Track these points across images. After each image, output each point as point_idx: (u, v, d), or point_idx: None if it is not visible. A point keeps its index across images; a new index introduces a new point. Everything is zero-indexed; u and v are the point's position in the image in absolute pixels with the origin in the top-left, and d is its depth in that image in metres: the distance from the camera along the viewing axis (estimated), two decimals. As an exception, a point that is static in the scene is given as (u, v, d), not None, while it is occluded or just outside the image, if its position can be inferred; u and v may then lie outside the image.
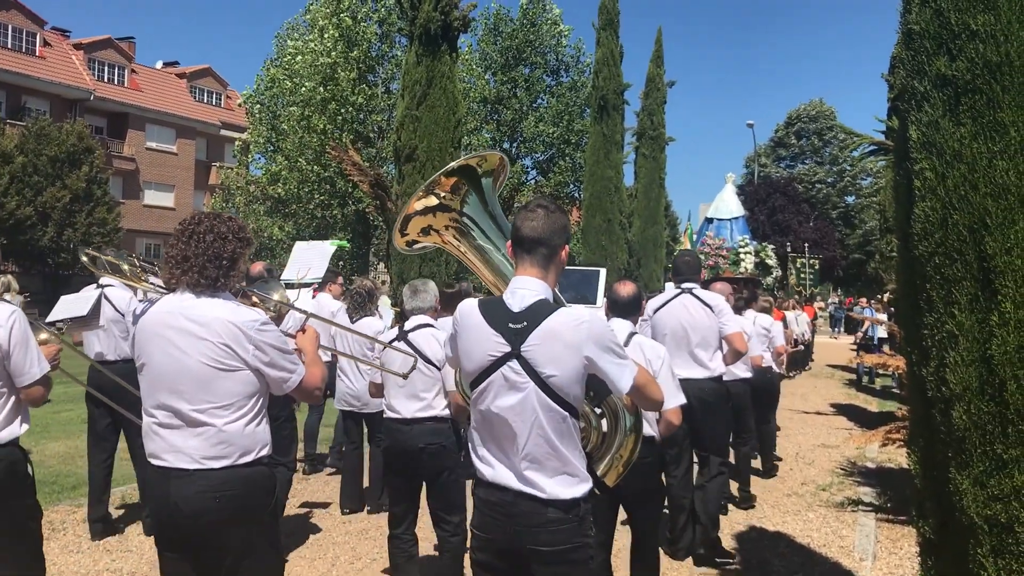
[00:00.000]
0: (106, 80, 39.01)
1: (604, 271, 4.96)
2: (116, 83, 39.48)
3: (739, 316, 6.94)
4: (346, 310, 6.60)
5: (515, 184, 26.96)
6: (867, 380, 17.56)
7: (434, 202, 2.94)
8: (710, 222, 21.36)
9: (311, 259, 8.25)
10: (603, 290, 4.70)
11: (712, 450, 5.78)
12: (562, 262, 2.65)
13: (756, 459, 8.60)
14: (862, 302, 26.30)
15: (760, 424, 8.49)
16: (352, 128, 26.85)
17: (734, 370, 6.54)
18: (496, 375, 2.51)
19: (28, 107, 34.93)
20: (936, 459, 2.73)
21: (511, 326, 2.50)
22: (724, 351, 5.63)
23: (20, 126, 30.32)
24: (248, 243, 2.90)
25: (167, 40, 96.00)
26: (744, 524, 6.40)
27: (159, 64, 45.29)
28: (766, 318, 8.66)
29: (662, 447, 4.32)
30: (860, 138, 10.42)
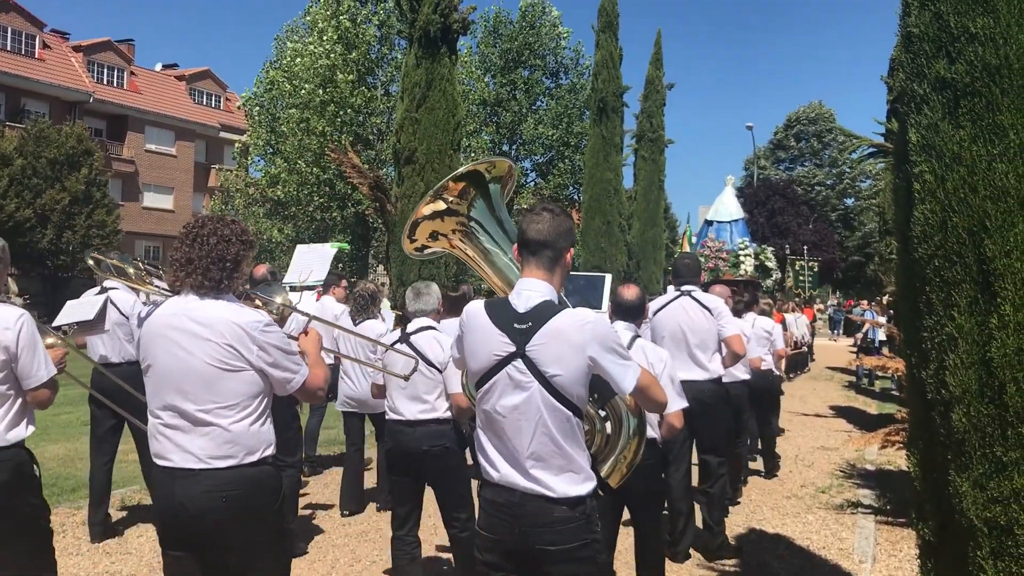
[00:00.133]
0: (105, 82, 38.99)
1: (609, 276, 5.01)
2: (115, 85, 39.45)
3: (738, 319, 6.96)
4: (349, 313, 6.61)
5: (515, 186, 26.95)
6: (866, 382, 17.56)
7: (442, 206, 2.99)
8: (710, 224, 21.37)
9: (312, 262, 8.26)
10: (608, 295, 4.74)
11: (712, 451, 5.81)
12: (567, 265, 2.69)
13: (756, 461, 8.62)
14: (862, 304, 26.31)
15: (761, 426, 8.51)
16: (351, 130, 26.84)
17: (733, 372, 6.57)
18: (501, 375, 2.54)
19: (27, 109, 34.89)
20: (936, 461, 2.73)
21: (516, 326, 2.54)
22: (723, 353, 5.65)
23: (19, 128, 30.28)
24: (251, 246, 2.93)
25: (166, 42, 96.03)
26: (744, 526, 6.40)
27: (158, 66, 45.29)
28: (767, 321, 8.67)
29: (663, 449, 4.36)
30: (859, 140, 10.43)
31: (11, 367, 3.20)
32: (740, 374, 7.09)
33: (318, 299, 7.95)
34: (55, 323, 4.27)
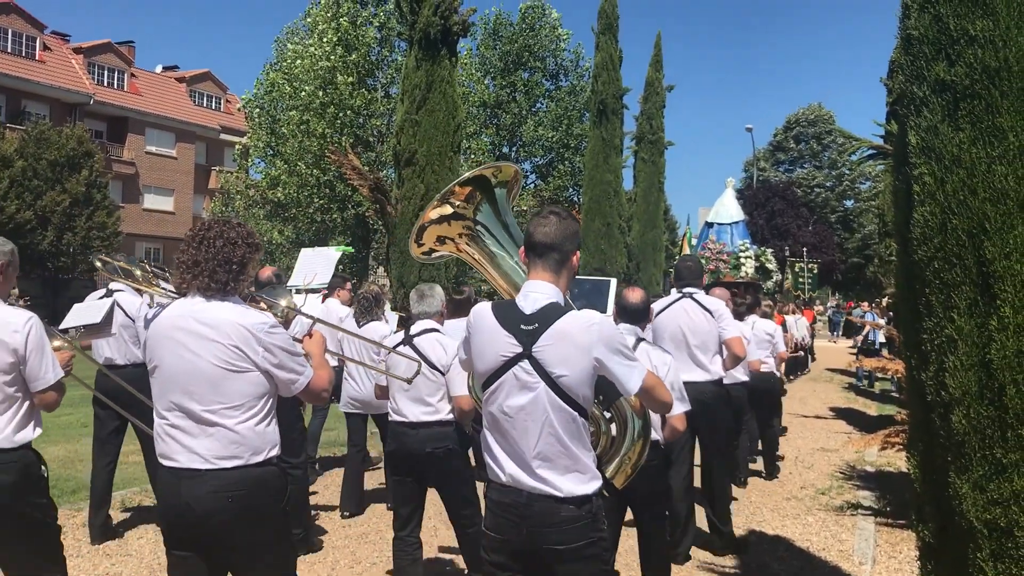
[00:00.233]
0: (106, 84, 38.98)
1: (615, 281, 5.06)
2: (116, 87, 39.45)
3: (740, 322, 6.98)
4: (354, 315, 6.64)
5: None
6: (866, 384, 17.55)
7: (448, 211, 3.04)
8: (710, 226, 21.36)
9: (317, 265, 8.29)
10: (612, 300, 4.80)
11: (713, 452, 5.82)
12: (573, 267, 2.73)
13: (756, 462, 8.62)
14: (862, 306, 26.31)
15: (762, 428, 8.52)
16: (352, 132, 26.84)
17: (733, 373, 6.59)
18: (508, 375, 2.58)
19: (28, 111, 34.87)
20: (936, 463, 2.73)
21: (523, 327, 2.57)
22: (724, 355, 5.68)
23: (20, 130, 30.28)
24: (257, 248, 2.96)
25: (167, 44, 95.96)
26: (743, 528, 6.40)
27: (159, 68, 45.28)
28: (770, 324, 8.70)
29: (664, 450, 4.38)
30: (859, 142, 10.43)
31: (19, 370, 3.24)
32: (739, 375, 7.11)
33: (323, 301, 7.95)
34: (62, 326, 4.29)
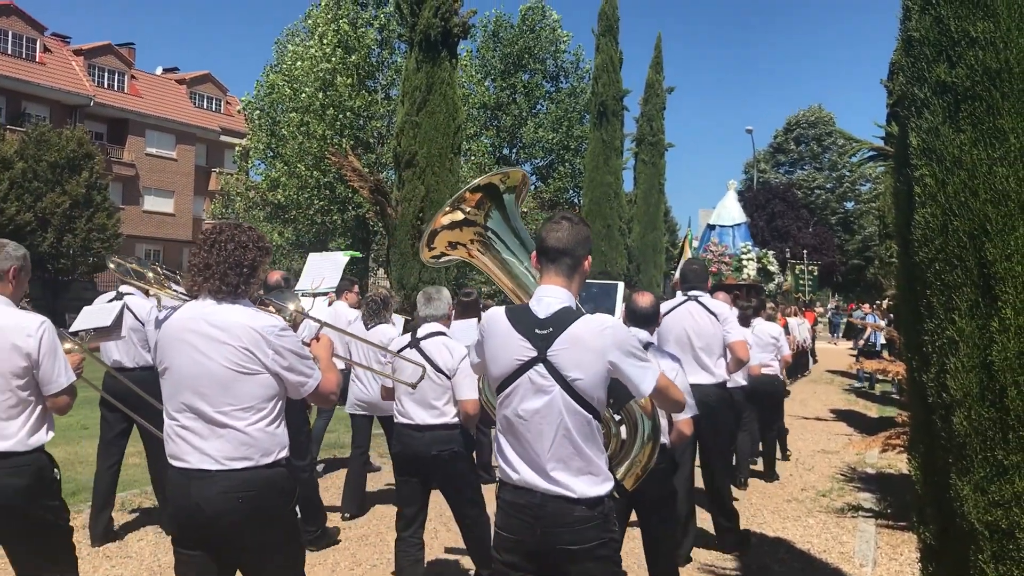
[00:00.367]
0: (106, 86, 38.99)
1: (622, 284, 5.11)
2: (116, 89, 39.46)
3: (746, 325, 7.01)
4: (362, 317, 6.67)
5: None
6: (867, 386, 17.55)
7: (459, 217, 3.10)
8: (712, 229, 21.35)
9: (325, 269, 8.32)
10: (620, 303, 4.85)
11: (715, 454, 5.84)
12: (585, 272, 2.77)
13: (757, 463, 8.62)
14: (864, 308, 26.30)
15: (764, 431, 8.52)
16: (352, 134, 26.84)
17: (732, 376, 6.58)
18: (523, 379, 2.61)
19: (28, 113, 34.87)
20: (937, 465, 2.73)
21: (537, 332, 2.61)
22: (727, 358, 5.71)
23: (20, 132, 30.28)
24: (267, 252, 2.99)
25: (167, 46, 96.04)
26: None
27: (159, 70, 45.29)
28: (774, 327, 8.70)
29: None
30: (859, 144, 10.43)
31: (32, 374, 3.26)
32: (738, 379, 7.12)
33: (330, 304, 7.97)
34: (72, 328, 4.32)
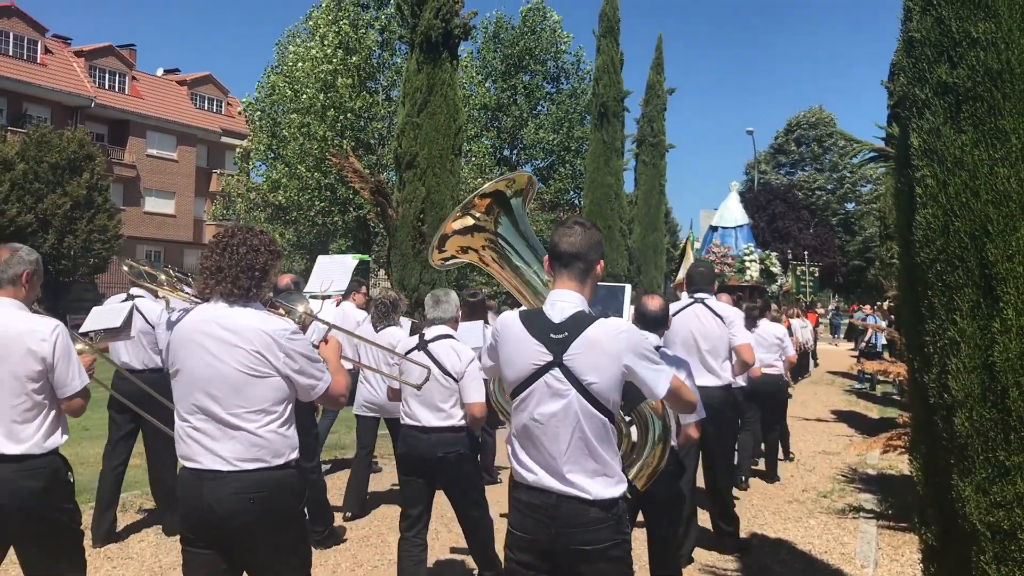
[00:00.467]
0: (107, 87, 39.00)
1: (629, 287, 5.14)
2: (117, 90, 39.47)
3: (753, 326, 7.01)
4: (371, 319, 6.69)
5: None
6: (868, 387, 17.54)
7: (470, 222, 3.18)
8: (715, 230, 21.33)
9: (333, 272, 8.36)
10: (628, 305, 4.91)
11: (718, 456, 5.85)
12: (597, 276, 2.81)
13: (759, 464, 8.61)
14: (864, 309, 26.29)
15: (766, 431, 8.52)
16: (353, 135, 26.83)
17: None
18: (539, 383, 2.64)
19: (29, 114, 34.88)
20: (938, 466, 2.73)
21: (553, 336, 2.64)
22: (732, 361, 5.72)
23: (21, 133, 30.28)
24: (278, 255, 3.02)
25: (168, 47, 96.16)
26: (745, 531, 6.38)
27: (160, 71, 45.30)
28: (779, 328, 8.70)
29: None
30: (860, 144, 10.45)
31: (47, 377, 3.29)
32: (738, 379, 7.10)
33: (337, 305, 7.99)
34: (82, 329, 4.35)
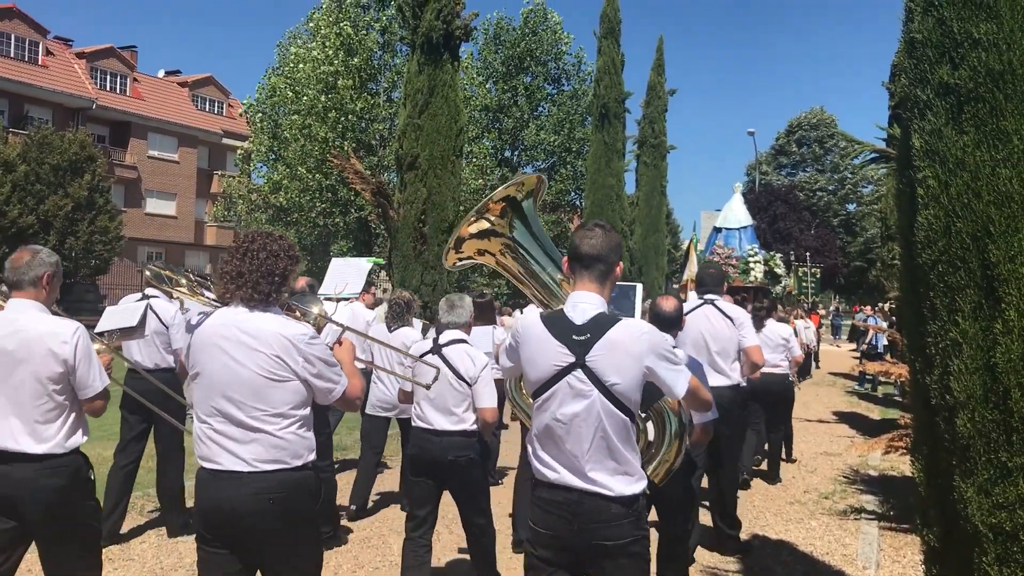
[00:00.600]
0: (108, 89, 39.03)
1: (640, 286, 5.20)
2: (118, 92, 39.50)
3: (760, 326, 7.02)
4: (385, 320, 6.72)
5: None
6: (869, 388, 17.52)
7: (486, 226, 3.27)
8: (719, 231, 21.34)
9: (348, 275, 8.41)
10: (639, 305, 4.98)
11: (726, 455, 5.87)
12: (616, 277, 2.86)
13: (762, 464, 8.61)
14: (865, 310, 26.27)
15: (770, 432, 8.52)
16: (354, 136, 26.84)
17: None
18: (561, 384, 2.68)
19: (30, 116, 34.91)
20: (940, 467, 2.72)
21: (575, 338, 2.68)
22: (741, 362, 5.76)
23: (22, 135, 30.30)
24: (297, 260, 3.07)
25: (169, 49, 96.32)
26: (747, 532, 6.38)
27: (161, 73, 45.33)
28: (785, 328, 8.71)
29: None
30: (861, 146, 10.43)
31: (68, 379, 3.34)
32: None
33: (349, 303, 8.03)
34: (97, 329, 4.40)
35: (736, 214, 21.61)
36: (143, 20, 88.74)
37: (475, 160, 28.62)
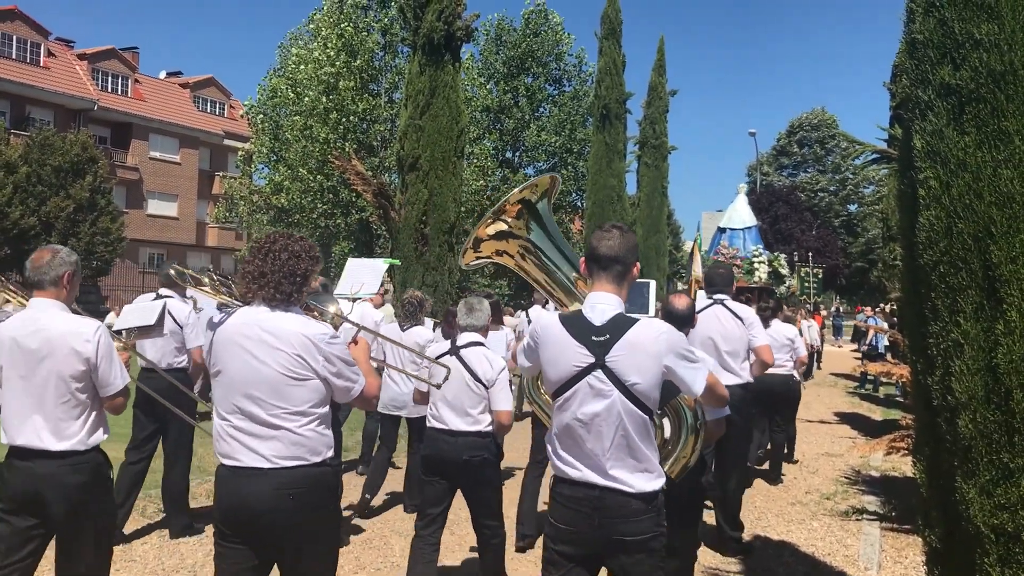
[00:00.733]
0: (110, 90, 39.08)
1: (654, 283, 5.23)
2: (120, 93, 39.55)
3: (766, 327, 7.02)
4: (397, 319, 6.75)
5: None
6: (871, 388, 17.51)
7: (504, 227, 3.35)
8: (723, 232, 21.36)
9: (363, 275, 8.46)
10: (653, 301, 5.03)
11: (732, 454, 5.87)
12: (633, 278, 2.90)
13: (764, 464, 8.60)
14: (866, 311, 26.26)
15: (774, 432, 8.52)
16: (355, 137, 26.85)
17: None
18: (582, 384, 2.73)
19: (32, 117, 34.96)
20: (942, 468, 2.72)
21: (594, 339, 2.72)
22: (751, 361, 5.78)
23: (24, 136, 30.35)
24: (318, 261, 3.11)
25: (170, 50, 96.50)
26: (748, 533, 6.37)
27: (162, 74, 45.36)
28: (791, 328, 8.72)
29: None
30: (862, 146, 10.44)
31: (90, 377, 3.39)
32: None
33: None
34: (115, 328, 4.43)
35: (740, 215, 21.62)
36: (144, 21, 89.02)
37: (476, 161, 28.62)
